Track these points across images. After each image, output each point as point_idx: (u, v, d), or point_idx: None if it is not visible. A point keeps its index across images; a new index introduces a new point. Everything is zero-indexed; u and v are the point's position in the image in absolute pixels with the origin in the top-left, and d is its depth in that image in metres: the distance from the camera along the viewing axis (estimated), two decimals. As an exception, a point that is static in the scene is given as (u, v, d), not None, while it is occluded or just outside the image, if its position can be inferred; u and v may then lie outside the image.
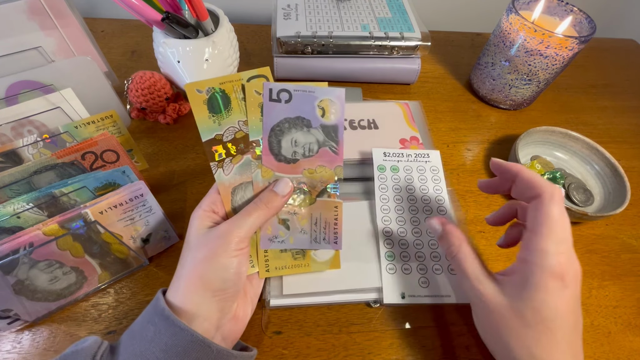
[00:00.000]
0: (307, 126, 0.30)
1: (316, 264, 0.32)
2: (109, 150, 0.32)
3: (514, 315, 0.24)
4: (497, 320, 0.24)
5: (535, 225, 0.24)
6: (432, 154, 0.43)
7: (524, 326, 0.23)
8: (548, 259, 0.23)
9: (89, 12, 0.67)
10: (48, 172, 0.30)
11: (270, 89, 0.29)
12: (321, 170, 0.31)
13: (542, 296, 0.23)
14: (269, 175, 0.30)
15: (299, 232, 0.31)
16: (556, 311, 0.23)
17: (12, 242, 0.26)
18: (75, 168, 0.31)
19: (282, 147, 0.30)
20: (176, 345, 0.23)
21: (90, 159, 0.32)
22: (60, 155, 0.30)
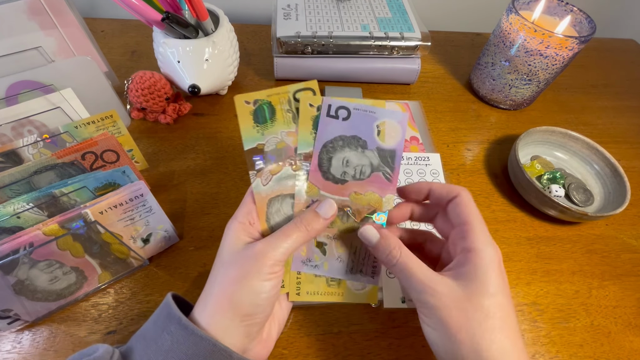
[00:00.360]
0: (362, 147, 0.28)
1: (351, 294, 0.30)
2: (109, 150, 0.32)
3: (474, 308, 0.23)
4: (458, 316, 0.23)
5: (465, 218, 0.25)
6: (432, 157, 0.43)
7: (486, 317, 0.23)
8: (490, 247, 0.24)
9: (89, 12, 0.67)
10: (48, 172, 0.30)
11: (330, 105, 0.28)
12: (370, 196, 0.29)
13: (495, 282, 0.23)
14: (314, 192, 0.28)
15: (336, 259, 0.29)
16: (507, 296, 0.24)
17: (12, 242, 0.26)
18: (75, 168, 0.31)
19: (332, 165, 0.29)
20: (197, 354, 0.22)
21: (91, 159, 0.31)
22: (60, 155, 0.30)
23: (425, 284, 0.24)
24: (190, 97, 0.50)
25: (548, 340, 0.34)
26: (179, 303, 0.25)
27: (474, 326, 0.22)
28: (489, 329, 0.22)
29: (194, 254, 0.36)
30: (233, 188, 0.41)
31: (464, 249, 0.25)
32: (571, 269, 0.39)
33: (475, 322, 0.22)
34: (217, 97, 0.51)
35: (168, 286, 0.34)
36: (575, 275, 0.38)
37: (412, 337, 0.33)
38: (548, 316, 0.35)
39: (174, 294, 0.26)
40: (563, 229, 0.42)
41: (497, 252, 0.24)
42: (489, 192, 0.44)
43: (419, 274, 0.24)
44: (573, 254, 0.40)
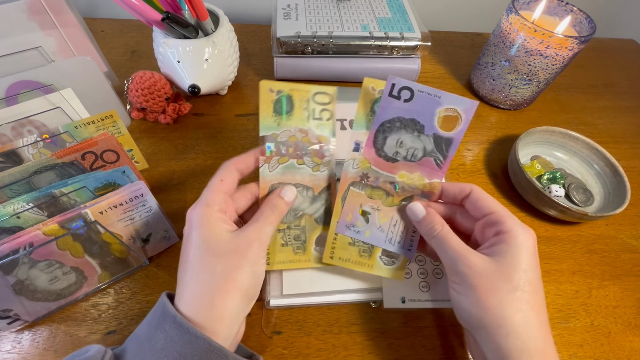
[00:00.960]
0: (419, 131, 0.29)
1: (380, 268, 0.32)
2: (109, 150, 0.32)
3: (505, 279, 0.24)
4: (487, 284, 0.24)
5: (490, 208, 0.27)
6: None
7: (515, 289, 0.24)
8: (523, 229, 0.26)
9: (89, 12, 0.67)
10: (48, 172, 0.30)
11: (393, 84, 0.29)
12: (417, 178, 0.30)
13: (527, 260, 0.25)
14: (365, 166, 0.31)
15: (377, 228, 0.31)
16: (537, 276, 0.25)
17: (12, 242, 0.26)
18: (75, 168, 0.31)
19: (387, 144, 0.30)
20: (191, 354, 0.22)
21: (90, 159, 0.31)
22: (60, 155, 0.30)
23: (460, 253, 0.26)
24: (190, 97, 0.50)
25: (548, 340, 0.34)
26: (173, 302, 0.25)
27: (501, 295, 0.24)
28: (516, 299, 0.24)
29: (194, 254, 0.36)
30: (233, 188, 0.41)
31: (498, 232, 0.26)
32: (571, 269, 0.39)
33: (503, 291, 0.24)
34: (217, 97, 0.51)
35: (168, 286, 0.34)
36: (575, 275, 0.38)
37: (412, 337, 0.33)
38: (548, 316, 0.35)
39: (169, 293, 0.26)
40: (563, 229, 0.42)
41: (531, 235, 0.26)
42: (489, 192, 0.43)
43: (455, 246, 0.26)
44: (573, 254, 0.40)
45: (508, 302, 0.24)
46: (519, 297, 0.24)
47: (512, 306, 0.24)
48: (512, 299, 0.24)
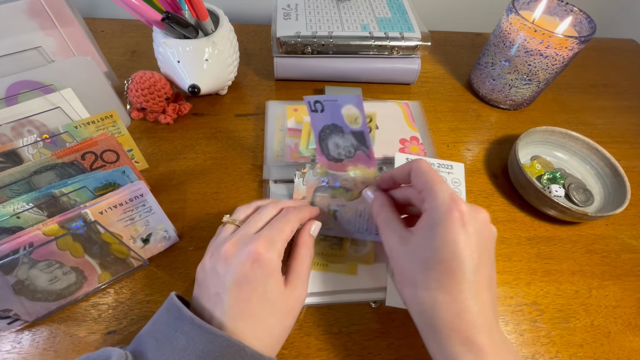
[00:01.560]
0: (341, 132, 0.33)
1: (350, 256, 0.36)
2: (109, 150, 0.32)
3: (416, 259, 0.25)
4: (404, 267, 0.26)
5: (421, 183, 0.27)
6: (455, 166, 0.42)
7: (425, 269, 0.24)
8: (441, 196, 0.25)
9: (89, 12, 0.67)
10: (48, 172, 0.30)
11: (309, 102, 0.33)
12: (362, 169, 0.34)
13: (440, 233, 0.23)
14: (323, 171, 0.36)
15: (345, 222, 0.35)
16: (455, 250, 0.23)
17: (12, 242, 0.26)
18: (75, 168, 0.31)
19: (329, 149, 0.34)
20: (213, 350, 0.23)
21: (90, 159, 0.31)
22: (60, 155, 0.30)
23: (387, 234, 0.27)
24: (190, 97, 0.50)
25: (548, 340, 0.34)
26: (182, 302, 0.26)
27: (414, 279, 0.25)
28: (426, 278, 0.24)
29: (194, 254, 0.36)
30: (233, 188, 0.41)
31: (424, 210, 0.26)
32: (571, 269, 0.39)
33: (415, 271, 0.25)
34: (217, 97, 0.51)
35: (168, 286, 0.34)
36: (575, 275, 0.38)
37: (412, 337, 0.33)
38: (548, 316, 0.35)
39: (178, 294, 0.27)
40: (563, 229, 0.42)
41: (449, 205, 0.24)
42: (489, 192, 0.44)
43: (386, 224, 0.28)
44: (573, 254, 0.40)
45: (419, 281, 0.24)
46: (429, 276, 0.24)
47: (422, 284, 0.24)
48: (422, 278, 0.24)
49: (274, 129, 0.46)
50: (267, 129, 0.46)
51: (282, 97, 0.52)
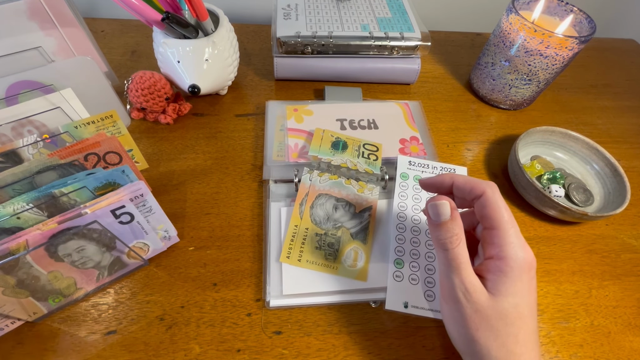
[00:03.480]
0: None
1: (344, 270, 0.35)
2: (112, 152, 0.32)
3: (497, 316, 0.23)
4: (479, 321, 0.24)
5: (493, 222, 0.25)
6: (458, 170, 0.42)
7: (505, 325, 0.23)
8: (519, 251, 0.24)
9: (89, 12, 0.67)
10: (49, 172, 0.30)
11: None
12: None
13: (520, 290, 0.23)
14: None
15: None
16: (530, 304, 0.24)
17: (12, 242, 0.26)
18: (76, 169, 0.31)
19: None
20: None
21: (93, 160, 0.31)
22: (63, 155, 0.30)
23: (465, 286, 0.24)
24: (190, 97, 0.50)
25: (548, 340, 0.34)
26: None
27: (487, 335, 0.23)
28: (504, 334, 0.23)
29: (194, 254, 0.36)
30: (233, 188, 0.41)
31: (495, 256, 0.24)
32: (571, 269, 0.39)
33: (493, 328, 0.23)
34: (217, 97, 0.51)
35: (168, 286, 0.34)
36: (575, 275, 0.38)
37: (412, 337, 0.33)
38: (548, 316, 0.35)
39: None
40: (563, 229, 0.42)
41: (526, 259, 0.24)
42: (489, 192, 0.44)
43: (464, 273, 0.24)
44: (573, 254, 0.40)
45: (494, 337, 0.23)
46: (507, 332, 0.23)
47: (497, 341, 0.23)
48: (498, 335, 0.23)
49: (274, 129, 0.46)
50: (267, 129, 0.46)
51: (282, 97, 0.52)
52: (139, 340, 0.31)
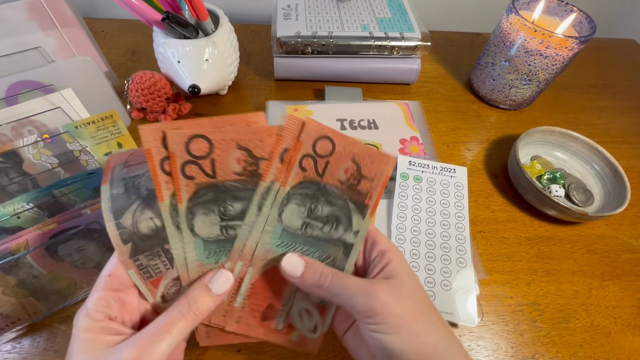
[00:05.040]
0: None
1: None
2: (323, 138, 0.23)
3: (410, 299, 0.22)
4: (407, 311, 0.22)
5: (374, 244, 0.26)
6: (458, 170, 0.42)
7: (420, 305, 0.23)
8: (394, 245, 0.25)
9: (89, 12, 0.67)
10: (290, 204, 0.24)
11: None
12: None
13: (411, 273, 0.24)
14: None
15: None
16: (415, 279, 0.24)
17: (12, 242, 0.26)
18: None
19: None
20: None
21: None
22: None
23: (369, 292, 0.21)
24: (190, 97, 0.50)
25: (548, 340, 0.34)
26: None
27: (422, 316, 0.22)
28: (425, 313, 0.22)
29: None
30: (233, 188, 0.41)
31: (379, 252, 0.24)
32: (571, 269, 0.39)
33: (418, 312, 0.22)
34: (217, 97, 0.51)
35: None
36: (575, 275, 0.38)
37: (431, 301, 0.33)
38: (548, 316, 0.35)
39: None
40: (563, 229, 0.42)
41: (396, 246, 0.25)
42: (489, 192, 0.44)
43: (358, 286, 0.22)
44: (573, 254, 0.40)
45: (426, 319, 0.22)
46: (424, 305, 0.23)
47: (426, 320, 0.22)
48: (423, 314, 0.22)
49: (274, 129, 0.46)
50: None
51: (282, 97, 0.52)
52: (139, 340, 0.31)
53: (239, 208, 0.22)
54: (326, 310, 0.25)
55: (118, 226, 0.20)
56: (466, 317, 0.33)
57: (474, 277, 0.35)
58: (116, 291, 0.21)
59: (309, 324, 0.25)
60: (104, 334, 0.20)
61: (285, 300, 0.24)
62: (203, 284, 0.21)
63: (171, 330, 0.19)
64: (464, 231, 0.38)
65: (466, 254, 0.37)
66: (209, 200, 0.21)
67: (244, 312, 0.23)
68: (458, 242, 0.37)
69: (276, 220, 0.22)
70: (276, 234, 0.22)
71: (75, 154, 0.35)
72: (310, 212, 0.23)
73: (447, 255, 0.36)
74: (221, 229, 0.22)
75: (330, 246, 0.24)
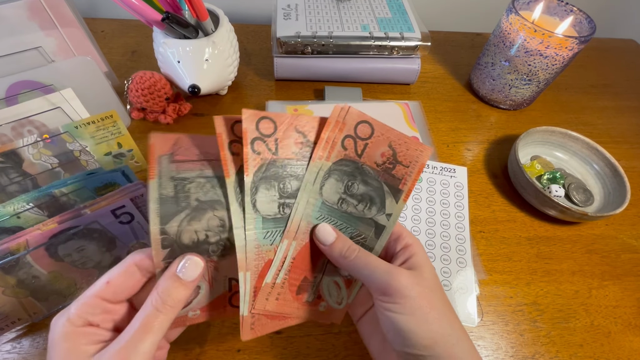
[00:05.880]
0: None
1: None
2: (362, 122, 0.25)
3: (431, 290, 0.23)
4: (425, 298, 0.22)
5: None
6: (458, 170, 0.43)
7: (436, 297, 0.23)
8: (413, 236, 0.26)
9: (89, 12, 0.67)
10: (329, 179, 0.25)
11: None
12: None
13: (430, 265, 0.24)
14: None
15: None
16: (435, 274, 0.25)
17: (12, 242, 0.26)
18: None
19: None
20: None
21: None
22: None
23: (389, 270, 0.23)
24: (190, 97, 0.50)
25: (548, 340, 0.34)
26: None
27: (437, 307, 0.23)
28: (440, 304, 0.23)
29: (194, 254, 0.36)
30: (233, 188, 0.41)
31: (404, 245, 0.25)
32: (571, 269, 0.39)
33: (435, 300, 0.23)
34: (217, 97, 0.51)
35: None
36: (575, 275, 0.38)
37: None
38: (548, 316, 0.35)
39: None
40: (563, 229, 0.42)
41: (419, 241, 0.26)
42: (489, 192, 0.44)
43: (381, 264, 0.23)
44: (573, 254, 0.40)
45: (441, 311, 0.23)
46: (440, 298, 0.23)
47: (441, 311, 0.23)
48: (438, 305, 0.23)
49: (274, 129, 0.46)
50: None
51: (282, 97, 0.52)
52: (139, 340, 0.31)
53: (295, 186, 0.23)
54: (352, 284, 0.27)
55: (162, 232, 0.21)
56: (466, 317, 0.33)
57: (474, 277, 0.35)
58: (106, 301, 0.20)
59: (336, 296, 0.27)
60: (83, 343, 0.19)
61: (317, 272, 0.26)
62: (172, 273, 0.20)
63: (150, 328, 0.19)
64: (464, 231, 0.38)
65: (466, 254, 0.37)
66: (271, 176, 0.23)
67: (284, 287, 0.24)
68: (458, 242, 0.37)
69: (318, 193, 0.24)
70: (317, 207, 0.24)
71: (75, 154, 0.35)
72: (347, 188, 0.25)
73: (447, 255, 0.36)
74: (279, 207, 0.23)
75: (363, 224, 0.25)
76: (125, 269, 0.21)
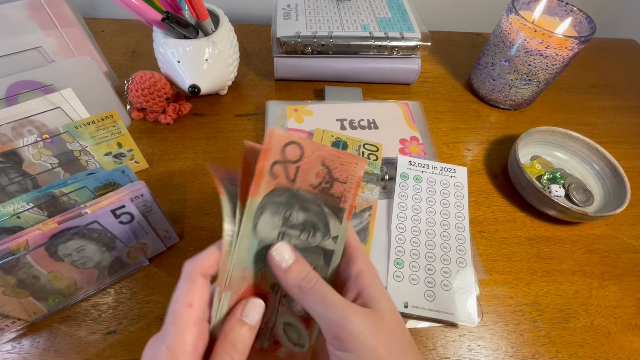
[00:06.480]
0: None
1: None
2: None
3: (389, 331, 0.20)
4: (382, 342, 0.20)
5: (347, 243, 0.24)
6: (458, 170, 0.43)
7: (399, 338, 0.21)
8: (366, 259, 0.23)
9: (89, 12, 0.67)
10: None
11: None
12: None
13: (390, 301, 0.22)
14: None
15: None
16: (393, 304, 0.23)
17: (12, 242, 0.26)
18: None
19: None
20: None
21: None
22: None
23: (344, 313, 0.20)
24: (190, 97, 0.50)
25: (548, 340, 0.34)
26: None
27: (398, 353, 0.20)
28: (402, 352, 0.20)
29: (194, 254, 0.36)
30: (233, 188, 0.41)
31: (355, 273, 0.22)
32: (571, 269, 0.39)
33: (394, 347, 0.20)
34: (217, 97, 0.51)
35: (168, 286, 0.34)
36: (575, 275, 0.38)
37: (413, 336, 0.32)
38: (548, 316, 0.35)
39: None
40: (563, 229, 0.42)
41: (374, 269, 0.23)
42: (489, 192, 0.44)
43: (337, 302, 0.20)
44: (573, 254, 0.40)
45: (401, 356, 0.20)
46: (402, 344, 0.21)
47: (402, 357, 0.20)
48: (399, 353, 0.20)
49: (274, 129, 0.46)
50: (267, 129, 0.46)
51: (282, 97, 0.52)
52: (139, 340, 0.31)
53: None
54: (311, 323, 0.24)
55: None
56: (466, 317, 0.33)
57: (474, 277, 0.35)
58: (198, 325, 0.20)
59: (295, 339, 0.24)
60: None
61: (269, 314, 0.23)
62: (237, 319, 0.21)
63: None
64: (464, 231, 0.38)
65: (466, 254, 0.37)
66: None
67: None
68: (458, 242, 0.37)
69: (251, 234, 0.21)
70: (252, 249, 0.22)
71: (75, 154, 0.35)
72: (286, 220, 0.22)
73: (447, 255, 0.36)
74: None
75: (310, 255, 0.23)
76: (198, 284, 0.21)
